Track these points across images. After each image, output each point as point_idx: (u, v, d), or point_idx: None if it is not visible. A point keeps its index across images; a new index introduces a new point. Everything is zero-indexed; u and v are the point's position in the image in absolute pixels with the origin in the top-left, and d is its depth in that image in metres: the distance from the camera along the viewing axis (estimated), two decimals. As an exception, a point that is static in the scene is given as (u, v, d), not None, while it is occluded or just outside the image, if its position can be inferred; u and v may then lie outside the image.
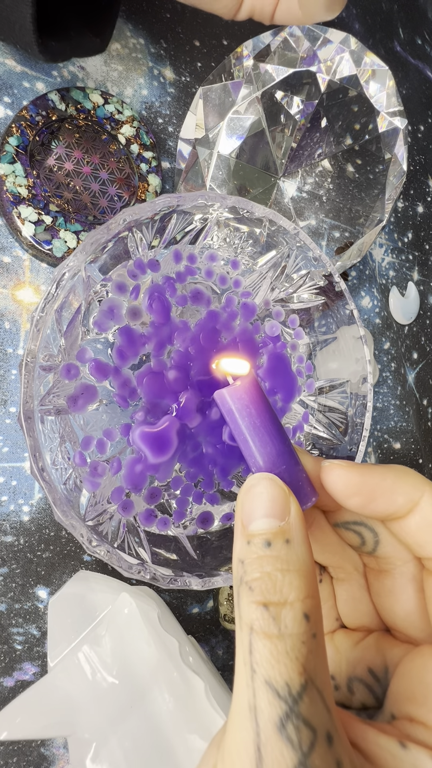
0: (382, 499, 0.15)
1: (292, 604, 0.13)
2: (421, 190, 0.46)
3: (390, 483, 0.15)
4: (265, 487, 0.15)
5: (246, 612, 0.13)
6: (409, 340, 0.46)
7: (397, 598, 0.17)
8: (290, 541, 0.14)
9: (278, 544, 0.13)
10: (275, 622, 0.12)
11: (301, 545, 0.14)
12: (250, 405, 0.16)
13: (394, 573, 0.17)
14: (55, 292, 0.20)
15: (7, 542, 0.30)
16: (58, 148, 0.33)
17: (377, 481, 0.15)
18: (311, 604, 0.13)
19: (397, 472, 0.16)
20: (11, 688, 0.29)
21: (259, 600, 0.13)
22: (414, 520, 0.15)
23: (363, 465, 0.16)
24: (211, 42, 0.40)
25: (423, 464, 0.46)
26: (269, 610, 0.12)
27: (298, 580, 0.13)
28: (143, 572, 0.21)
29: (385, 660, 0.17)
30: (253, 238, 0.26)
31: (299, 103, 0.34)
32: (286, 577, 0.13)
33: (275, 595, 0.13)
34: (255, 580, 0.13)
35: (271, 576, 0.13)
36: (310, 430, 0.28)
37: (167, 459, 0.22)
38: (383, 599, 0.17)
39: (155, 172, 0.35)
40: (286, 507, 0.14)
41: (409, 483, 0.15)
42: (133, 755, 0.26)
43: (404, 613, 0.17)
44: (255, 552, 0.14)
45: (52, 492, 0.20)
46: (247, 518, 0.14)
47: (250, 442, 0.16)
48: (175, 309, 0.24)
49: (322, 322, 0.28)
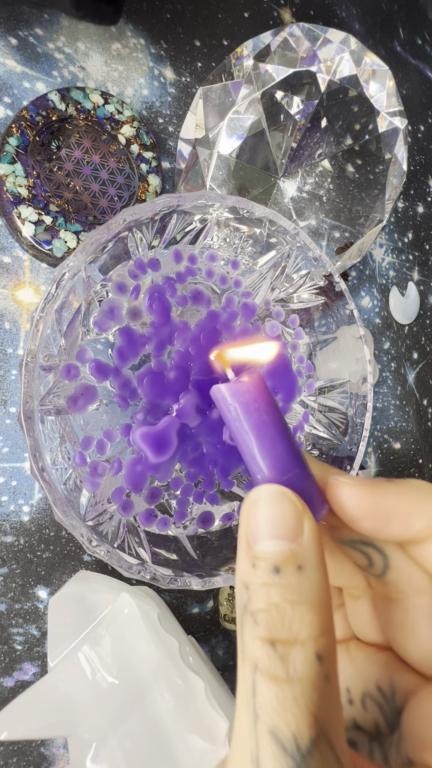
0: (398, 523, 0.13)
1: (304, 644, 0.11)
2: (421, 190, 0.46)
3: (407, 505, 0.13)
4: (274, 502, 0.13)
5: (250, 647, 0.11)
6: (409, 340, 0.46)
7: (408, 633, 0.15)
8: (303, 567, 0.12)
9: (289, 570, 0.12)
10: (283, 663, 0.11)
11: (316, 572, 0.12)
12: (257, 400, 0.14)
13: (405, 604, 0.15)
14: (55, 292, 0.20)
15: (7, 542, 0.30)
16: (58, 148, 0.33)
17: (392, 502, 0.13)
18: (325, 643, 0.11)
19: (415, 492, 0.13)
20: (11, 689, 0.29)
21: (264, 636, 0.11)
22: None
23: (375, 482, 0.14)
24: (211, 42, 0.40)
25: (423, 464, 0.46)
26: (276, 648, 0.11)
27: (312, 614, 0.11)
28: (143, 572, 0.21)
29: (392, 681, 0.15)
30: (253, 238, 0.26)
31: (299, 103, 0.34)
32: (297, 611, 0.11)
33: (284, 632, 0.11)
34: (260, 612, 0.11)
35: (280, 609, 0.11)
36: (310, 430, 0.28)
37: (167, 459, 0.22)
38: (393, 631, 0.15)
39: (155, 172, 0.35)
40: (299, 526, 0.12)
41: (429, 504, 0.13)
42: (133, 755, 0.26)
43: (418, 650, 0.14)
44: (261, 578, 0.12)
45: (52, 492, 0.20)
46: (252, 536, 0.12)
47: (255, 442, 0.14)
48: (176, 309, 0.24)
49: (322, 322, 0.28)
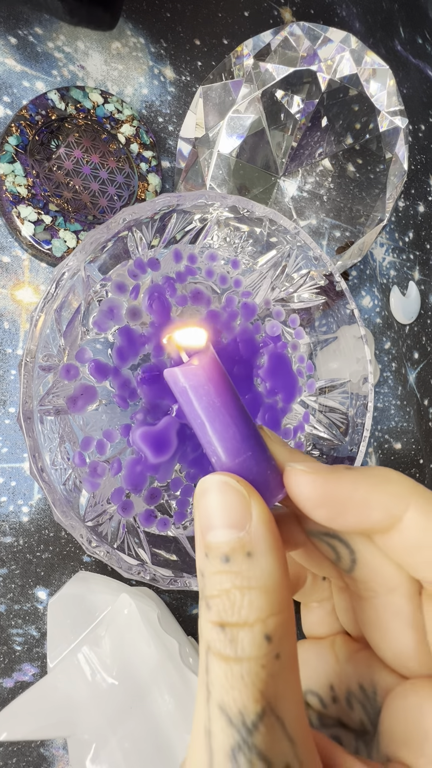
0: (353, 513, 0.13)
1: (252, 626, 0.11)
2: (421, 189, 0.46)
3: (363, 493, 0.13)
4: (220, 492, 0.13)
5: (204, 630, 0.12)
6: (410, 340, 0.45)
7: (381, 633, 0.14)
8: (252, 553, 0.12)
9: (238, 558, 0.12)
10: (231, 644, 0.11)
11: (265, 556, 0.12)
12: (207, 383, 0.13)
13: (376, 603, 0.14)
14: (55, 292, 0.20)
15: (6, 543, 0.30)
16: (58, 147, 0.32)
17: (347, 490, 0.13)
18: (275, 623, 0.11)
19: (372, 480, 0.13)
20: (11, 689, 0.29)
21: (215, 620, 0.11)
22: (397, 539, 0.13)
23: (332, 469, 0.13)
24: (211, 41, 0.40)
25: (424, 464, 0.46)
26: (225, 631, 0.11)
27: (260, 598, 0.11)
28: (143, 573, 0.21)
29: (373, 680, 0.15)
30: (253, 237, 0.26)
31: (299, 102, 0.34)
32: (246, 597, 0.11)
33: (233, 616, 0.11)
34: (212, 598, 0.12)
35: (230, 595, 0.12)
36: (310, 431, 0.28)
37: (167, 459, 0.22)
38: (367, 630, 0.15)
39: (155, 171, 0.35)
40: (246, 513, 0.12)
41: (388, 493, 0.13)
42: (133, 756, 0.26)
43: (391, 651, 0.14)
44: (213, 566, 0.12)
45: (52, 492, 0.19)
46: (203, 527, 0.13)
47: (208, 426, 0.13)
48: (175, 309, 0.24)
49: (323, 322, 0.28)
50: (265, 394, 0.26)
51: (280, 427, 0.26)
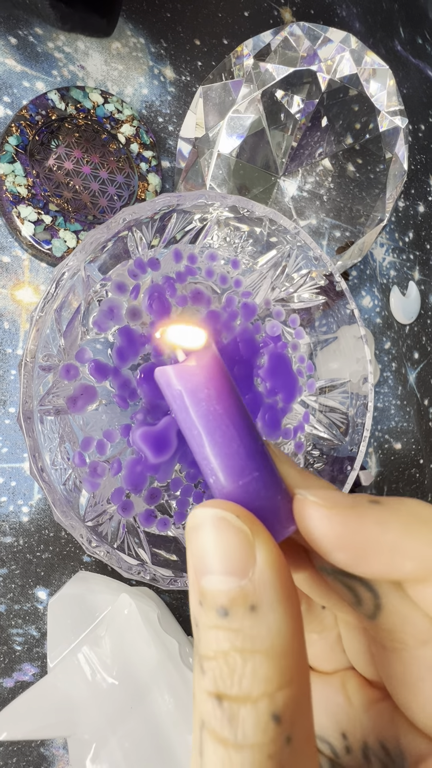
0: (380, 561, 0.10)
1: (256, 703, 0.09)
2: (422, 189, 0.46)
3: (394, 538, 0.10)
4: (215, 530, 0.10)
5: (198, 698, 0.09)
6: (410, 340, 0.45)
7: (411, 691, 0.11)
8: (257, 607, 0.09)
9: (238, 612, 0.09)
10: (231, 725, 0.09)
11: (274, 611, 0.09)
12: (207, 386, 0.11)
13: (405, 656, 0.11)
14: (55, 292, 0.20)
15: (6, 543, 0.30)
16: (58, 147, 0.32)
17: (374, 533, 0.10)
18: (286, 699, 0.09)
19: (404, 520, 0.10)
20: (11, 689, 0.29)
21: (211, 690, 0.09)
22: (428, 594, 0.10)
23: (354, 504, 0.11)
24: (211, 41, 0.40)
25: (424, 464, 0.46)
26: (223, 706, 0.09)
27: (267, 665, 0.09)
28: (143, 573, 0.21)
29: (398, 740, 0.12)
30: (253, 237, 0.26)
31: (299, 102, 0.34)
32: (249, 663, 0.09)
33: (232, 687, 0.09)
34: (207, 660, 0.09)
35: (229, 659, 0.09)
36: (310, 431, 0.28)
37: (167, 459, 0.22)
38: (393, 685, 0.12)
39: (155, 171, 0.35)
40: (249, 557, 0.10)
41: (425, 538, 0.10)
42: (133, 756, 0.26)
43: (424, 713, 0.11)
44: (209, 619, 0.10)
45: (52, 492, 0.19)
46: (197, 569, 0.10)
47: (206, 438, 0.11)
48: (175, 309, 0.24)
49: (323, 322, 0.28)
50: (265, 394, 0.26)
51: (280, 427, 0.26)
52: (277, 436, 0.26)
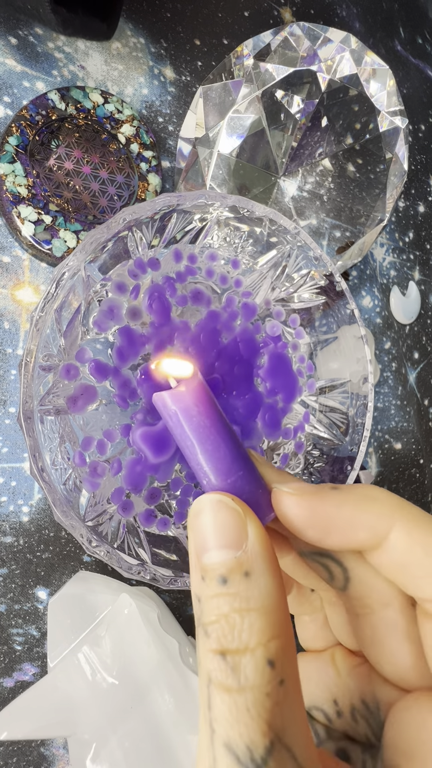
0: (339, 533, 0.13)
1: (253, 651, 0.11)
2: (422, 189, 0.46)
3: (348, 513, 0.13)
4: (215, 511, 0.12)
5: (203, 660, 0.11)
6: (410, 340, 0.45)
7: (379, 649, 0.14)
8: (250, 573, 0.12)
9: (235, 579, 0.11)
10: (234, 673, 0.11)
11: (264, 576, 0.12)
12: (197, 405, 0.14)
13: (372, 619, 0.14)
14: (55, 292, 0.20)
15: (6, 543, 0.30)
16: (58, 147, 0.32)
17: (333, 511, 0.13)
18: (277, 647, 0.11)
19: (357, 499, 0.13)
20: (11, 689, 0.29)
21: (215, 648, 0.11)
22: (385, 557, 0.13)
23: (317, 490, 0.13)
24: (211, 41, 0.40)
25: (424, 464, 0.46)
26: (227, 659, 0.11)
27: (261, 620, 0.11)
28: (143, 573, 0.21)
29: (375, 695, 0.15)
30: (253, 237, 0.26)
31: (300, 102, 0.34)
32: (246, 619, 0.11)
33: (233, 642, 0.11)
34: (211, 624, 0.11)
35: (229, 619, 0.11)
36: (310, 431, 0.28)
37: (167, 459, 0.22)
38: (365, 646, 0.15)
39: (155, 171, 0.35)
40: (243, 532, 0.12)
41: (372, 512, 0.13)
42: (133, 756, 0.26)
43: (390, 666, 0.14)
44: (210, 589, 0.12)
45: (52, 492, 0.19)
46: (199, 548, 0.12)
47: (198, 447, 0.14)
48: (175, 309, 0.24)
49: (323, 322, 0.28)
50: (265, 394, 0.26)
51: (280, 427, 0.26)
52: (277, 436, 0.27)
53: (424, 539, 0.12)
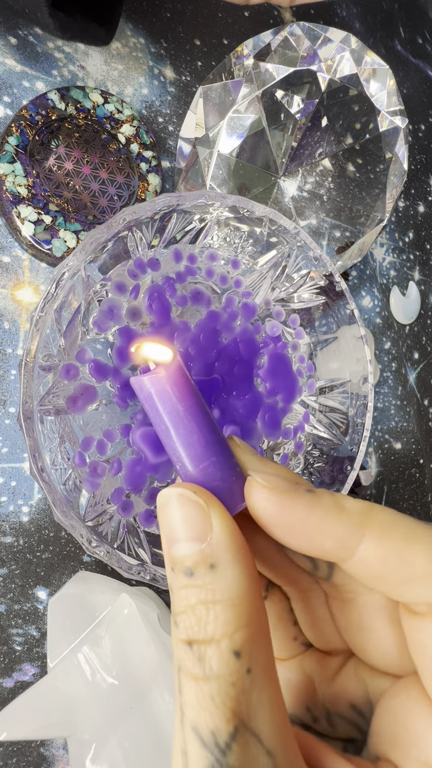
0: (305, 539, 0.12)
1: (219, 642, 0.11)
2: (422, 189, 0.46)
3: (316, 520, 0.12)
4: (179, 504, 0.12)
5: (174, 649, 0.12)
6: (410, 340, 0.45)
7: (366, 633, 0.14)
8: (215, 565, 0.12)
9: (201, 571, 0.12)
10: (200, 663, 0.11)
11: (230, 568, 0.12)
12: (172, 389, 0.14)
13: (357, 603, 0.14)
14: (55, 292, 0.20)
15: (6, 543, 0.30)
16: (58, 147, 0.32)
17: (300, 514, 0.12)
18: (243, 637, 0.11)
19: (326, 508, 0.12)
20: (11, 689, 0.29)
21: (183, 638, 0.11)
22: (357, 569, 0.12)
23: (291, 489, 0.13)
24: (211, 41, 0.40)
25: (424, 464, 0.46)
26: (194, 649, 0.11)
27: (226, 612, 0.11)
28: (143, 573, 0.21)
29: (368, 692, 0.14)
30: (253, 237, 0.26)
31: (300, 102, 0.34)
32: (212, 611, 0.11)
33: (200, 633, 0.11)
34: (179, 614, 0.12)
35: (196, 610, 0.11)
36: (310, 431, 0.28)
37: (167, 459, 0.22)
38: (353, 635, 0.15)
39: (155, 171, 0.35)
40: (206, 524, 0.12)
41: (341, 522, 0.12)
42: (133, 756, 0.26)
43: (377, 650, 0.14)
44: (178, 581, 0.12)
45: (52, 492, 0.19)
46: (168, 540, 0.12)
47: (172, 431, 0.14)
48: (175, 309, 0.24)
49: (323, 322, 0.28)
50: (265, 394, 0.26)
51: (280, 427, 0.26)
52: (277, 436, 0.27)
53: (396, 546, 0.12)
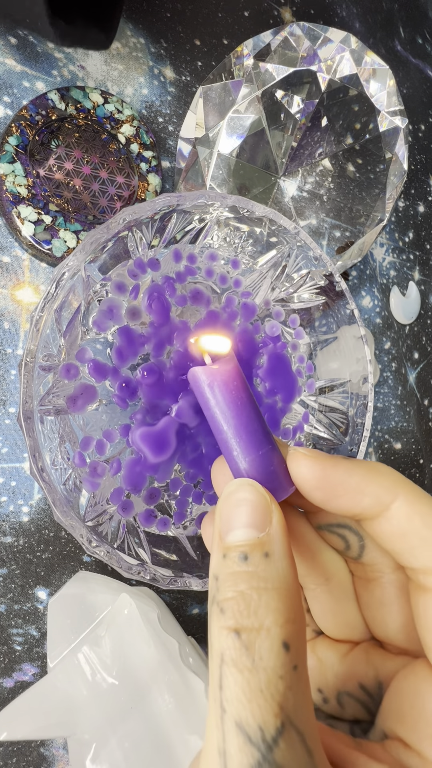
0: (346, 498, 0.14)
1: (269, 630, 0.11)
2: (421, 189, 0.46)
3: (357, 481, 0.14)
4: (248, 493, 0.13)
5: (216, 639, 0.11)
6: (410, 340, 0.45)
7: (388, 609, 0.15)
8: (270, 554, 0.12)
9: (256, 557, 0.12)
10: (248, 652, 0.11)
11: (283, 560, 0.12)
12: (236, 379, 0.15)
13: (382, 582, 0.15)
14: (55, 292, 0.20)
15: (6, 543, 0.30)
16: (58, 147, 0.32)
17: (342, 476, 0.14)
18: (292, 631, 0.11)
19: (366, 470, 0.14)
20: (11, 689, 0.29)
21: (230, 625, 0.11)
22: (386, 525, 0.13)
23: (332, 458, 0.14)
24: (211, 41, 0.40)
25: (424, 464, 0.46)
26: (242, 637, 0.11)
27: (277, 600, 0.11)
28: (143, 573, 0.21)
29: (378, 674, 0.15)
30: (253, 237, 0.26)
31: (299, 102, 0.34)
32: (263, 598, 0.11)
33: (249, 619, 0.11)
34: (227, 600, 0.11)
35: (246, 596, 0.11)
36: (310, 431, 0.28)
37: (167, 459, 0.22)
38: (374, 611, 0.16)
39: (155, 171, 0.35)
40: (267, 515, 0.13)
41: (379, 483, 0.14)
42: (133, 756, 0.26)
43: (397, 625, 0.15)
44: (230, 567, 0.12)
45: (52, 492, 0.19)
46: (225, 528, 0.13)
47: (234, 419, 0.15)
48: (175, 309, 0.24)
49: (323, 322, 0.28)
50: (264, 394, 0.26)
51: (279, 427, 0.26)
52: (276, 435, 0.26)
53: (424, 511, 0.13)
